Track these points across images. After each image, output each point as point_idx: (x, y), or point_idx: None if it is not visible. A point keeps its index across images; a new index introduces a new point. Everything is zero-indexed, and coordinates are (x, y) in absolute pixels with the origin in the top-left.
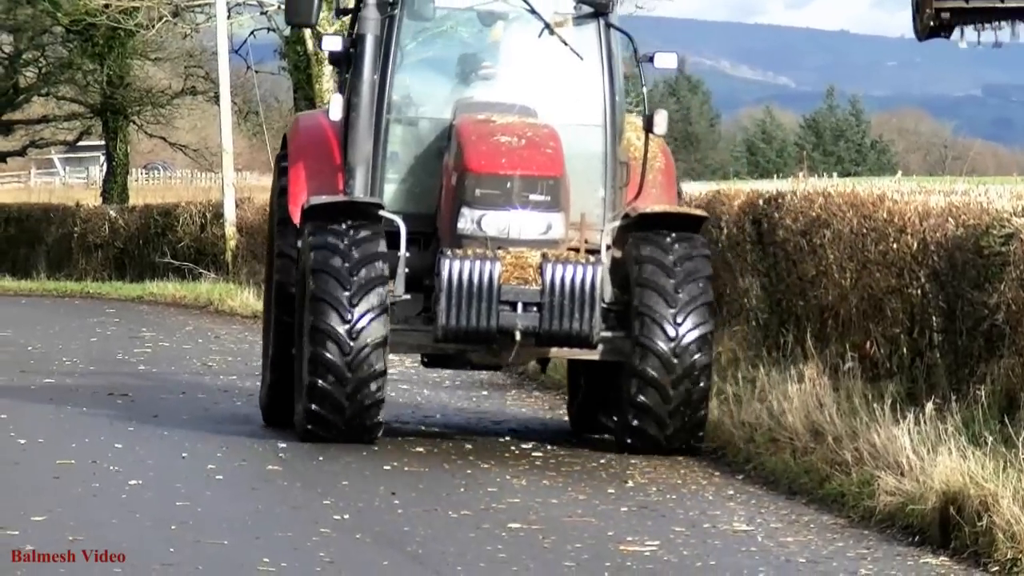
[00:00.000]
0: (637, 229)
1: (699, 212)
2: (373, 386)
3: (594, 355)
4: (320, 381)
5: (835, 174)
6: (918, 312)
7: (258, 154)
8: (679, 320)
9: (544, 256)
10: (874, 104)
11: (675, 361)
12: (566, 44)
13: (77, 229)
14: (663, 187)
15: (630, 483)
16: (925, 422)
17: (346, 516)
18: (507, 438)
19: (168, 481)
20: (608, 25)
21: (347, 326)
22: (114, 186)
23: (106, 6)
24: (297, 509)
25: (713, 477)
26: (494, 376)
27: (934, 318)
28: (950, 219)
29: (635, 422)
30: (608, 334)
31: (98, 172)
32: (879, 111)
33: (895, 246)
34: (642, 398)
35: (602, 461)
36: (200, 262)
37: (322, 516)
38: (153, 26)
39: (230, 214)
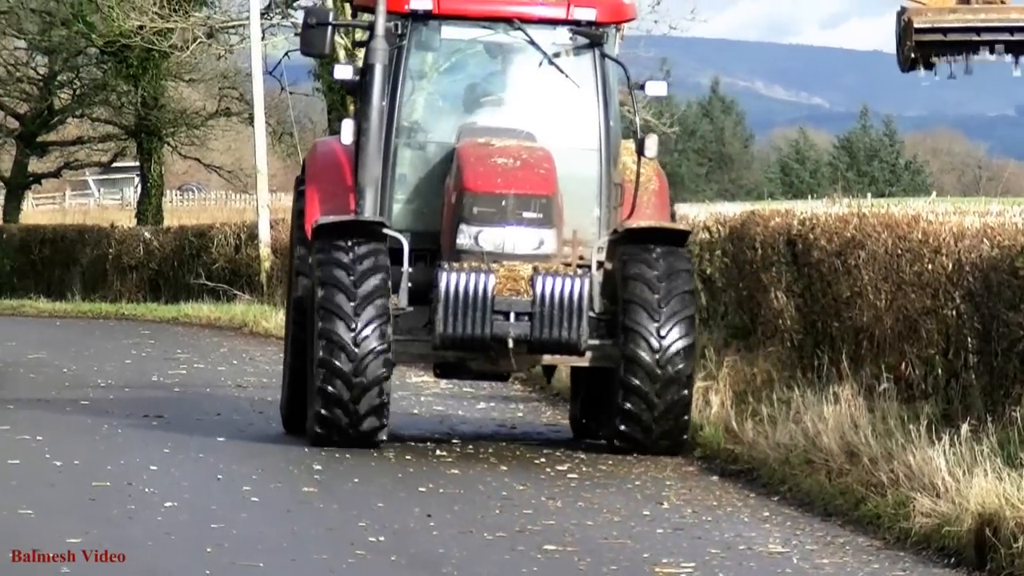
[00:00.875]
0: (625, 244)
1: (683, 227)
2: (377, 389)
3: (583, 362)
4: (328, 386)
5: (869, 195)
6: (953, 333)
7: (292, 175)
8: (662, 333)
9: (535, 269)
10: (908, 124)
11: (659, 371)
12: (564, 73)
13: (112, 250)
14: (656, 207)
15: (666, 504)
16: (961, 443)
17: (381, 538)
18: (542, 460)
19: (203, 503)
20: (603, 55)
21: (352, 333)
22: (148, 207)
23: (140, 27)
24: (332, 531)
25: (748, 498)
26: (529, 395)
27: (969, 339)
28: (985, 240)
29: (623, 427)
30: (596, 342)
31: (132, 193)
32: (913, 131)
33: (930, 267)
34: (629, 406)
35: (637, 483)
36: (235, 283)
37: (358, 538)
38: (187, 47)
39: (265, 235)
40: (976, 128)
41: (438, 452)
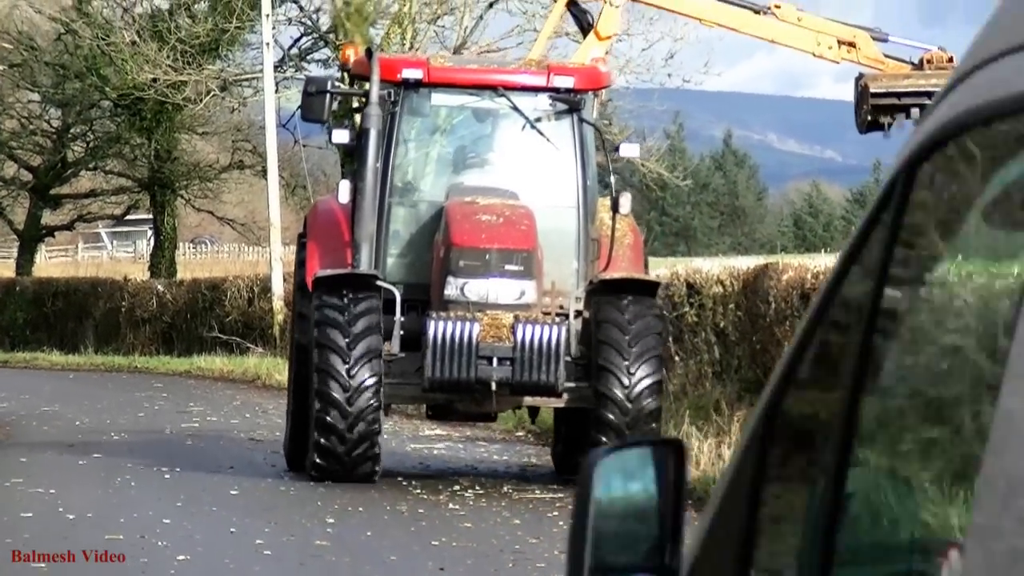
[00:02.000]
0: (601, 294)
1: (653, 278)
2: (370, 419)
3: (560, 403)
4: (325, 415)
5: None
6: None
7: None
8: (632, 371)
9: (516, 318)
10: None
11: (629, 406)
12: (544, 136)
13: (125, 303)
14: (631, 260)
15: None
16: None
17: None
18: (555, 512)
19: (216, 556)
20: (581, 120)
21: (346, 366)
22: (161, 260)
23: (154, 80)
24: None
25: None
26: (542, 444)
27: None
28: None
29: None
30: (573, 384)
31: (145, 246)
32: None
33: None
34: (602, 438)
35: None
36: (248, 336)
37: None
38: (201, 100)
39: (278, 288)
40: None
41: (451, 506)
